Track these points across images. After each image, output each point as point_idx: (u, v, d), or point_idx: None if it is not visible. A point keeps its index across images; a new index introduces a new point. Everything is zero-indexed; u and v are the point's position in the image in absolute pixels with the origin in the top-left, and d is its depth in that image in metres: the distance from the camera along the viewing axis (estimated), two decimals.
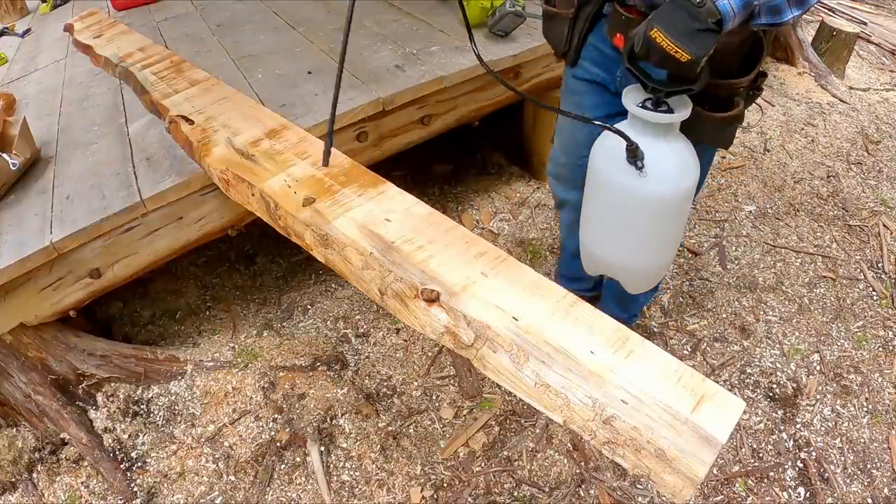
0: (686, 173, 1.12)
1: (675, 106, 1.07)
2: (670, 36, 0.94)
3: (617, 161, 1.10)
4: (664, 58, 0.96)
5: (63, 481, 1.73)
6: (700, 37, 0.94)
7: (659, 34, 0.94)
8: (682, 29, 0.94)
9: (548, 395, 0.81)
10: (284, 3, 2.71)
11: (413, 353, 2.01)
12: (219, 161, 1.24)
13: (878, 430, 1.75)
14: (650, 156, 1.08)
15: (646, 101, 1.08)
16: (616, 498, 1.62)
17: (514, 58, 2.07)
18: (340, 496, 1.66)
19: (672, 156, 1.10)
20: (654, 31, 0.95)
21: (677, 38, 0.94)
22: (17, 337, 1.68)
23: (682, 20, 0.94)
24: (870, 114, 3.16)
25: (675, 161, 1.11)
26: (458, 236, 1.01)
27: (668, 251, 1.30)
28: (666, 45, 0.94)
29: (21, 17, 3.33)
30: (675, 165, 1.11)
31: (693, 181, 1.15)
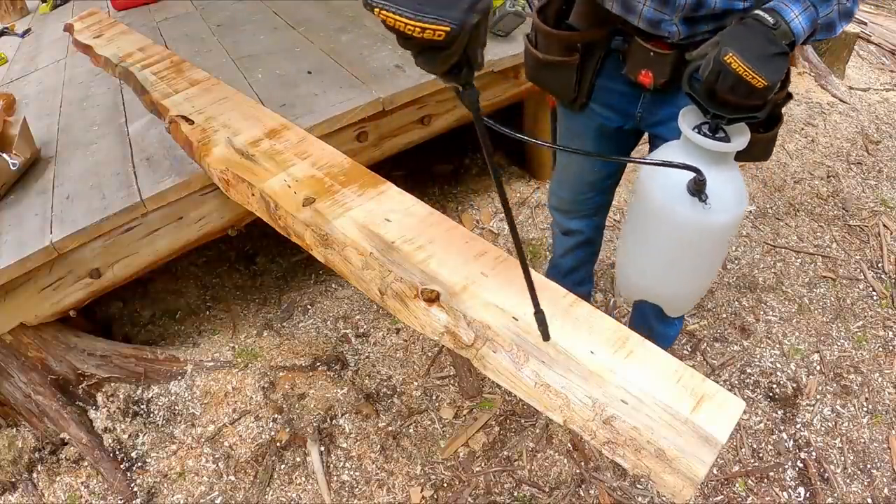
0: (742, 199, 1.08)
1: (732, 132, 1.02)
2: (747, 61, 0.87)
3: (678, 194, 1.04)
4: (737, 83, 0.89)
5: (63, 481, 1.73)
6: (776, 61, 0.89)
7: (735, 59, 0.87)
8: (758, 53, 0.88)
9: (548, 395, 0.81)
10: (284, 3, 2.71)
11: (413, 353, 2.01)
12: (219, 161, 1.24)
13: (878, 430, 1.75)
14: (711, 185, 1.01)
15: (702, 126, 1.02)
16: (616, 498, 1.62)
17: (514, 58, 2.07)
18: (340, 496, 1.66)
19: (730, 183, 1.05)
20: (730, 56, 0.88)
21: (754, 63, 0.87)
22: (17, 337, 1.68)
23: (758, 43, 0.89)
24: (870, 114, 3.16)
25: (733, 188, 1.06)
26: (458, 236, 1.01)
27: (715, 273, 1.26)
28: (742, 70, 0.87)
29: (21, 17, 3.33)
30: (734, 193, 1.06)
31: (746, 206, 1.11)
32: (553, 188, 1.60)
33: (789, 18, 0.91)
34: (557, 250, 1.76)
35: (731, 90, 0.91)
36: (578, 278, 1.82)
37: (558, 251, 1.76)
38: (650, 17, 1.06)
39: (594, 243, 1.73)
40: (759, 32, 0.90)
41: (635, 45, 1.12)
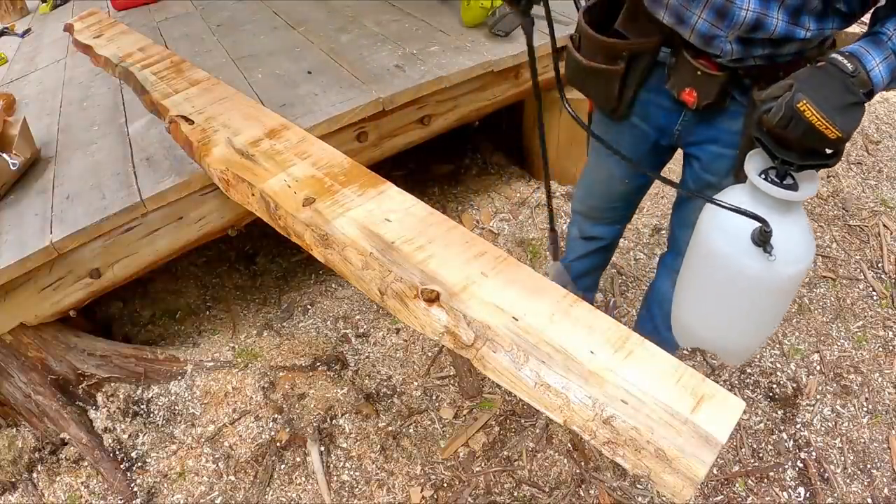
0: (810, 250, 1.01)
1: (800, 179, 0.96)
2: (822, 110, 0.82)
3: (743, 244, 0.98)
4: (809, 132, 0.84)
5: (63, 481, 1.73)
6: (853, 111, 0.84)
7: (809, 108, 0.82)
8: (834, 102, 0.83)
9: (548, 395, 0.81)
10: (284, 3, 2.71)
11: (413, 353, 2.01)
12: (219, 161, 1.24)
13: (878, 430, 1.75)
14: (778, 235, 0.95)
15: (768, 172, 0.96)
16: (616, 498, 1.62)
17: (515, 58, 2.07)
18: (340, 496, 1.66)
19: (798, 234, 0.99)
20: (804, 104, 0.82)
21: (830, 114, 0.82)
22: (17, 337, 1.68)
23: (835, 92, 0.83)
24: (870, 114, 3.16)
25: (800, 238, 0.99)
26: (458, 236, 1.01)
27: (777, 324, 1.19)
28: (816, 120, 0.82)
29: (21, 17, 3.33)
30: (801, 243, 0.99)
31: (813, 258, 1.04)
32: (579, 193, 1.56)
33: (870, 67, 0.85)
34: (570, 254, 1.72)
35: (803, 138, 0.85)
36: (586, 284, 1.79)
37: (571, 254, 1.72)
38: (704, 31, 1.00)
39: (611, 251, 1.71)
40: (837, 79, 0.84)
41: (682, 60, 1.06)
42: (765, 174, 0.96)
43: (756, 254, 0.97)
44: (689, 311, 1.20)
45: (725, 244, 1.02)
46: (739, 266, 1.01)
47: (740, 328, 1.14)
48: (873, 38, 0.87)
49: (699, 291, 1.16)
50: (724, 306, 1.12)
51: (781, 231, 0.95)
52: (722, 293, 1.10)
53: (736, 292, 1.07)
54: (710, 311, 1.16)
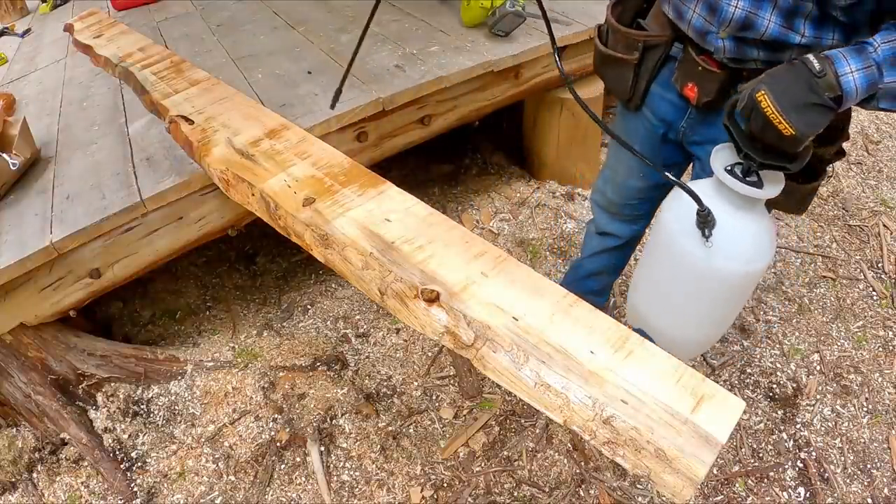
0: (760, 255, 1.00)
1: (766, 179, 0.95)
2: (778, 104, 0.82)
3: (685, 222, 0.99)
4: (765, 126, 0.84)
5: (63, 481, 1.73)
6: (812, 112, 0.82)
7: (766, 99, 0.83)
8: (794, 98, 0.82)
9: (548, 395, 0.81)
10: (284, 3, 2.71)
11: (413, 353, 2.01)
12: (219, 161, 1.24)
13: (878, 430, 1.75)
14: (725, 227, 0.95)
15: (735, 167, 0.96)
16: (616, 498, 1.62)
17: (515, 58, 2.07)
18: (340, 496, 1.66)
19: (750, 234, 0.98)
20: (761, 95, 0.83)
21: (786, 109, 0.82)
22: (17, 337, 1.68)
23: (797, 88, 0.83)
24: (870, 114, 3.16)
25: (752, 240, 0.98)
26: (458, 236, 1.01)
27: (715, 329, 1.18)
28: (770, 112, 0.82)
29: (21, 17, 3.33)
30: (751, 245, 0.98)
31: (765, 264, 1.02)
32: (599, 185, 1.56)
33: (842, 72, 0.82)
34: (586, 251, 1.71)
35: (761, 131, 0.86)
36: (597, 285, 1.77)
37: (586, 251, 1.71)
38: (698, 26, 1.02)
39: (625, 254, 1.69)
40: (803, 77, 0.82)
41: (688, 55, 1.08)
42: (731, 169, 0.96)
43: (695, 235, 0.98)
44: (638, 289, 1.22)
45: (672, 220, 1.04)
46: (677, 245, 1.02)
47: (676, 316, 1.14)
48: (858, 47, 0.85)
49: (647, 270, 1.18)
50: (663, 287, 1.13)
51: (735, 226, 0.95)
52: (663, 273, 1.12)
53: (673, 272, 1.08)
54: (652, 291, 1.17)
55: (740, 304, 1.15)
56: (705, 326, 1.15)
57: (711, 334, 1.20)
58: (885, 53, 0.82)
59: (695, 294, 1.07)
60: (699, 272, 1.02)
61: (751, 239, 0.99)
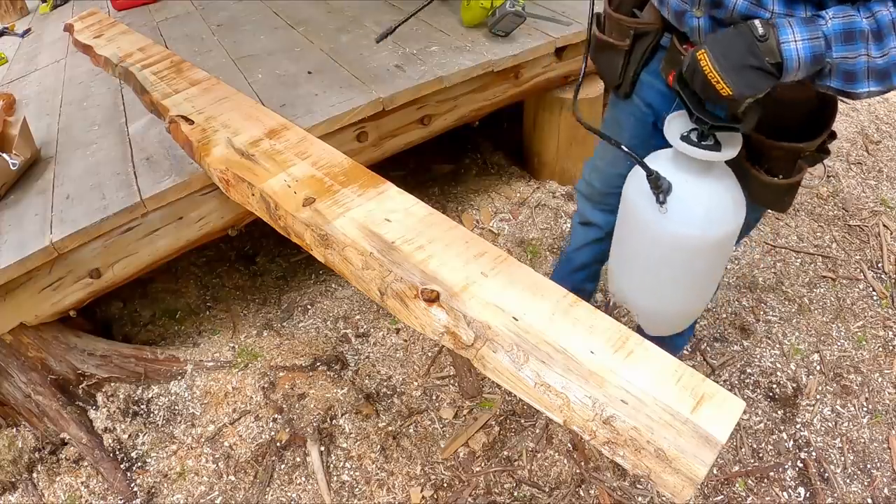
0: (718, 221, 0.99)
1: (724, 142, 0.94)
2: (717, 63, 0.84)
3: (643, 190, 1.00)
4: (705, 85, 0.86)
5: (63, 481, 1.73)
6: (750, 74, 0.83)
7: (705, 58, 0.84)
8: (733, 60, 0.83)
9: (548, 395, 0.81)
10: (284, 3, 2.71)
11: (413, 353, 2.01)
12: (219, 161, 1.24)
13: (878, 430, 1.75)
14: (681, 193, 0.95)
15: (690, 133, 0.97)
16: (616, 498, 1.62)
17: (515, 58, 2.07)
18: (340, 496, 1.66)
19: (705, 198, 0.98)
20: (702, 53, 0.85)
21: (724, 69, 0.83)
22: (17, 337, 1.68)
23: (737, 50, 0.84)
24: (870, 114, 3.16)
25: (708, 205, 0.97)
26: (458, 236, 1.01)
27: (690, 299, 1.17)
28: (709, 70, 0.84)
29: (21, 17, 3.33)
30: (706, 210, 0.97)
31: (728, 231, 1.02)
32: (585, 172, 1.58)
33: (784, 39, 0.82)
34: (573, 243, 1.74)
35: (703, 91, 0.87)
36: (587, 275, 1.80)
37: (574, 244, 1.74)
38: (676, 7, 1.03)
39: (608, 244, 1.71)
40: (743, 40, 0.83)
41: (673, 44, 1.08)
42: (687, 135, 0.97)
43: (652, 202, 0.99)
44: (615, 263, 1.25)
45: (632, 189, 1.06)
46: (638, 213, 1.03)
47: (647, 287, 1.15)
48: (809, 17, 0.84)
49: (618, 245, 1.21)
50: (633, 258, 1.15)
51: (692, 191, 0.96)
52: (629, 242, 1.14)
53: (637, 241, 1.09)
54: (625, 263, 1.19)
55: (711, 274, 1.14)
56: (678, 298, 1.15)
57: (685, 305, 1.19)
58: (836, 27, 0.81)
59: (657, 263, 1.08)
60: (656, 238, 1.03)
61: (707, 204, 0.99)
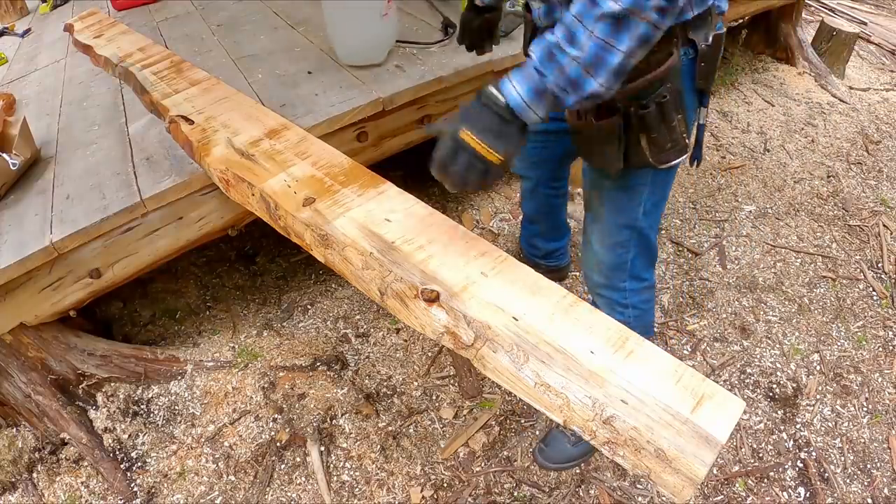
0: None
1: None
2: (484, 138, 0.91)
3: None
4: (473, 158, 0.92)
5: (63, 481, 1.73)
6: (507, 133, 0.92)
7: (470, 136, 0.91)
8: (491, 129, 0.92)
9: (548, 395, 0.81)
10: (284, 3, 2.70)
11: (413, 353, 2.01)
12: (219, 161, 1.24)
13: (878, 430, 1.75)
14: None
15: None
16: (616, 498, 1.62)
17: (514, 57, 2.07)
18: (340, 496, 1.66)
19: None
20: (465, 133, 0.92)
21: (490, 139, 0.91)
22: (17, 337, 1.68)
23: (489, 120, 0.92)
24: (870, 114, 3.16)
25: None
26: (458, 236, 1.01)
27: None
28: (479, 146, 0.91)
29: (21, 17, 3.33)
30: None
31: None
32: None
33: (505, 92, 0.91)
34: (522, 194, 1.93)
35: (469, 164, 0.93)
36: (538, 230, 1.98)
37: (522, 195, 1.92)
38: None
39: (541, 194, 1.84)
40: (490, 109, 0.91)
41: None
42: None
43: None
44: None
45: None
46: None
47: None
48: (522, 63, 0.92)
49: None
50: None
51: None
52: None
53: None
54: None
55: None
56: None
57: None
58: (539, 55, 0.89)
59: None
60: None
61: None
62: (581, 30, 0.85)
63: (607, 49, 0.85)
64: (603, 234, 1.39)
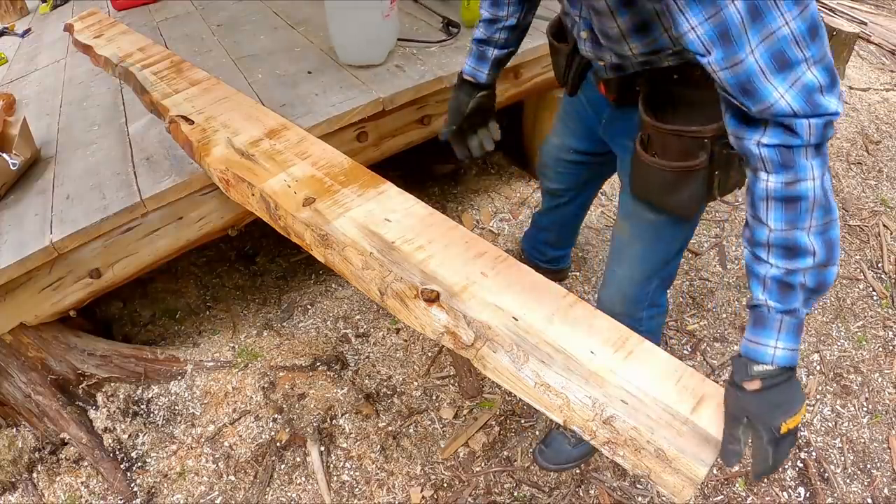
0: None
1: None
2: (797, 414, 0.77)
3: None
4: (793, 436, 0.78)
5: (63, 481, 1.73)
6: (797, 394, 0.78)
7: (786, 424, 0.76)
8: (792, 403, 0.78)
9: (548, 395, 0.81)
10: (284, 3, 2.70)
11: (413, 353, 2.01)
12: (219, 161, 1.24)
13: (878, 430, 1.75)
14: None
15: None
16: (616, 498, 1.62)
17: (514, 58, 2.06)
18: (340, 496, 1.66)
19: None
20: (786, 426, 0.76)
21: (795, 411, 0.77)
22: (17, 337, 1.68)
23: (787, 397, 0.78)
24: (870, 114, 3.16)
25: None
26: (458, 236, 1.01)
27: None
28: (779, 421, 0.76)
29: (21, 17, 3.32)
30: None
31: None
32: (541, 147, 1.67)
33: (767, 359, 0.77)
34: (541, 204, 1.87)
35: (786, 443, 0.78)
36: (549, 238, 1.92)
37: (541, 205, 1.86)
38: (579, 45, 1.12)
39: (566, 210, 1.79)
40: (783, 390, 0.77)
41: None
42: None
43: None
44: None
45: None
46: None
47: None
48: (755, 317, 0.80)
49: None
50: None
51: None
52: None
53: None
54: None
55: None
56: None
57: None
58: (774, 297, 0.78)
59: None
60: None
61: None
62: (803, 237, 0.75)
63: (831, 227, 0.75)
64: (634, 267, 1.32)
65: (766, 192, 0.75)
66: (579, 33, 1.10)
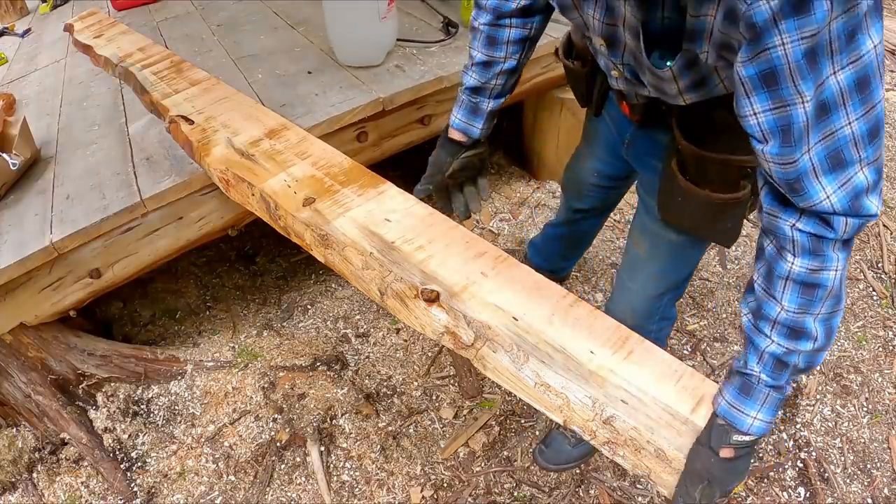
0: None
1: None
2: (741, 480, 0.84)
3: None
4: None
5: (63, 481, 1.73)
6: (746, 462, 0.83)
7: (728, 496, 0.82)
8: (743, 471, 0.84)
9: (548, 395, 0.81)
10: (284, 3, 2.70)
11: (413, 353, 2.01)
12: (219, 161, 1.24)
13: (878, 430, 1.75)
14: None
15: None
16: (616, 498, 1.62)
17: None
18: (340, 496, 1.66)
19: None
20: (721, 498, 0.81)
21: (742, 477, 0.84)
22: (17, 337, 1.68)
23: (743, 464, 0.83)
24: None
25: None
26: (458, 236, 1.01)
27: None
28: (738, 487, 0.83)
29: (21, 17, 3.32)
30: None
31: None
32: (567, 164, 1.65)
33: (745, 427, 0.78)
34: (557, 216, 1.85)
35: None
36: (561, 250, 1.92)
37: (557, 217, 1.85)
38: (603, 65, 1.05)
39: (583, 226, 1.79)
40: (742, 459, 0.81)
41: None
42: None
43: None
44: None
45: None
46: None
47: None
48: (742, 383, 0.80)
49: None
50: None
51: None
52: None
53: None
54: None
55: None
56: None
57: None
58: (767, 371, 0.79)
59: None
60: None
61: None
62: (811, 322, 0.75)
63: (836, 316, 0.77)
64: (648, 285, 1.30)
65: (788, 273, 0.74)
66: (611, 72, 1.03)
